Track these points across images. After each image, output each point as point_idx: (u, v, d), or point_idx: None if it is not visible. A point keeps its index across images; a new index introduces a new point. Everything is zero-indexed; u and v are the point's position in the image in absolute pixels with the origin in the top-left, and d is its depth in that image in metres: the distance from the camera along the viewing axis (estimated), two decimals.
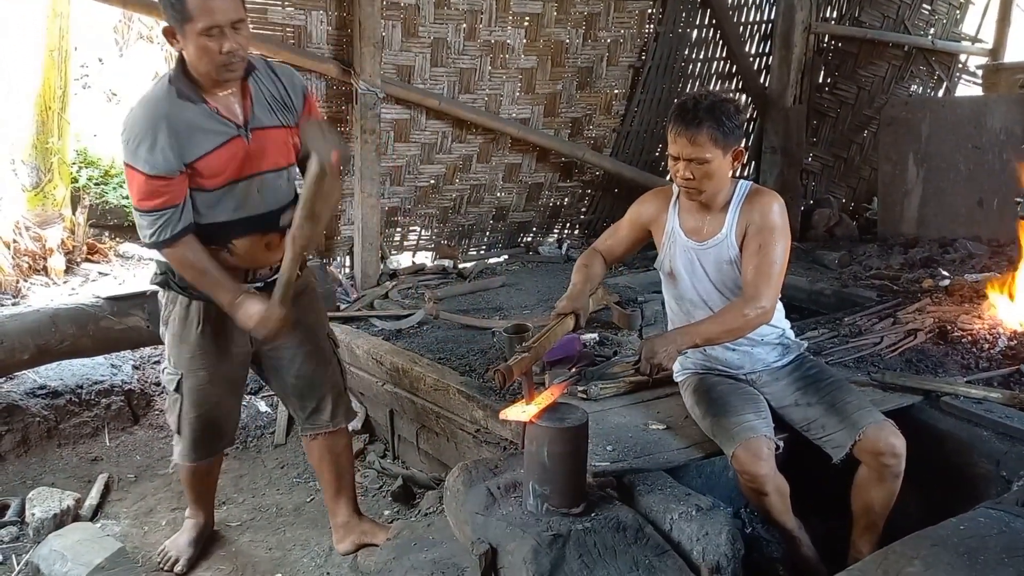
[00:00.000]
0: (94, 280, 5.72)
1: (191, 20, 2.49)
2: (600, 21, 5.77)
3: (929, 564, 2.05)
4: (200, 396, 3.00)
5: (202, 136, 2.64)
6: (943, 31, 6.81)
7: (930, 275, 4.97)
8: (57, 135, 5.95)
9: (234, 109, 2.70)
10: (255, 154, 2.74)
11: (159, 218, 2.64)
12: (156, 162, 2.58)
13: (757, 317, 2.70)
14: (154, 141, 2.57)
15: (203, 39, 2.51)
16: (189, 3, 2.47)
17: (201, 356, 2.95)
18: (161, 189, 2.61)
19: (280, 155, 2.83)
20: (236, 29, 2.54)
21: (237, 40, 2.54)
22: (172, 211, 2.65)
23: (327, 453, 3.25)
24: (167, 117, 2.59)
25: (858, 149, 6.96)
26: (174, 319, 2.94)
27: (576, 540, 2.29)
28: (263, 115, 2.75)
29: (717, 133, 2.62)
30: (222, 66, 2.56)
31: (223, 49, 2.52)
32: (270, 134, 2.77)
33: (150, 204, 2.63)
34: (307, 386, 3.13)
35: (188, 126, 2.61)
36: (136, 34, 11.15)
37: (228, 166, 2.70)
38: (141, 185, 2.61)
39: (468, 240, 5.93)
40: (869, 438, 2.63)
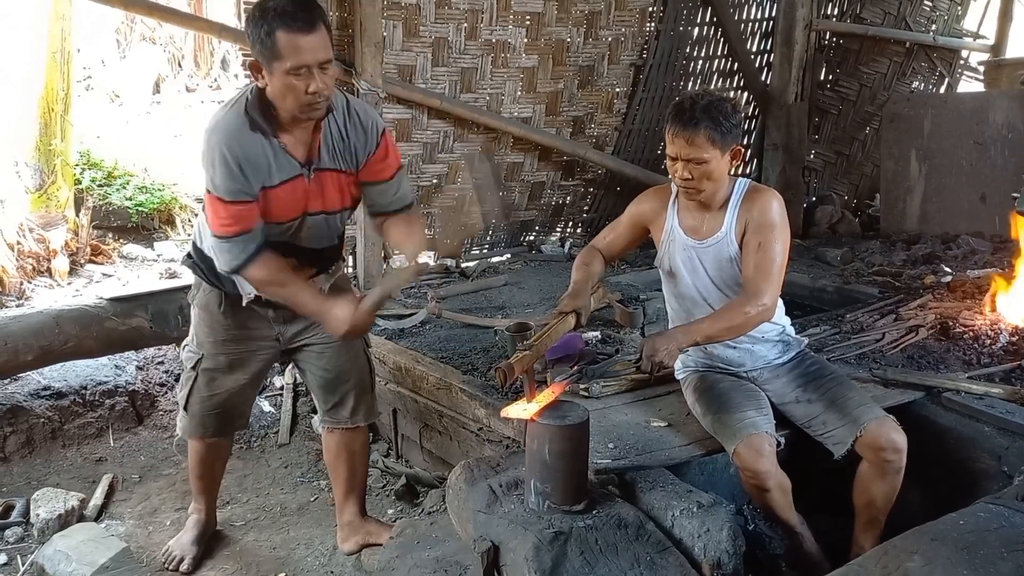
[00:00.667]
0: (98, 281, 5.73)
1: (280, 59, 2.49)
2: (601, 20, 5.77)
3: (929, 559, 2.05)
4: (215, 381, 3.05)
5: (273, 169, 2.66)
6: (944, 27, 6.80)
7: (932, 271, 4.97)
8: (60, 137, 5.95)
9: (301, 149, 2.71)
10: (314, 194, 2.77)
11: (236, 244, 2.65)
12: (231, 188, 2.60)
13: (759, 314, 2.71)
14: (230, 168, 2.58)
15: (290, 78, 2.50)
16: (280, 41, 2.46)
17: (223, 343, 3.00)
18: (236, 214, 2.62)
19: (336, 198, 2.84)
20: (323, 70, 2.53)
21: (324, 80, 2.53)
22: (247, 235, 2.66)
23: (344, 450, 3.27)
24: (240, 145, 2.60)
25: (860, 146, 6.95)
26: (200, 301, 3.00)
27: (578, 537, 2.30)
28: (327, 157, 2.76)
29: (715, 133, 2.63)
30: (306, 105, 2.56)
31: (309, 89, 2.52)
32: (330, 177, 2.79)
33: (230, 231, 2.64)
34: (333, 380, 3.15)
35: (256, 158, 2.62)
36: (138, 35, 11.18)
37: (289, 204, 2.72)
38: (220, 212, 2.63)
39: (471, 239, 5.94)
40: (870, 434, 2.63)
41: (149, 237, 6.79)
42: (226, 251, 2.67)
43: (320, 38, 2.51)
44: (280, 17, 2.46)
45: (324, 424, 3.27)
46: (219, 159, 2.58)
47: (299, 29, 2.46)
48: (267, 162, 2.64)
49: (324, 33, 2.53)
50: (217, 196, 2.62)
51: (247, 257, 2.67)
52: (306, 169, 2.72)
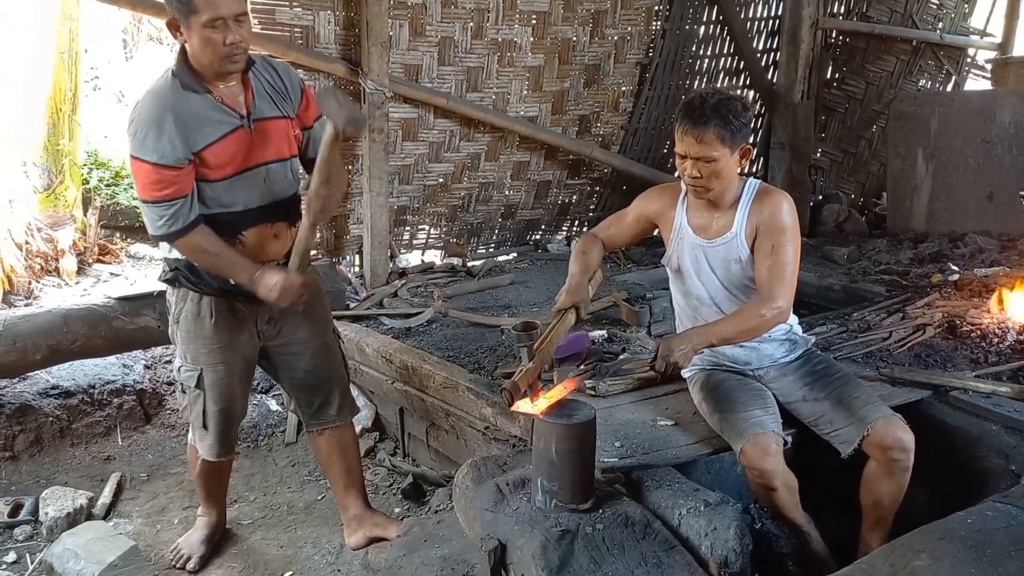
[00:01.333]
0: (105, 281, 5.75)
1: (196, 12, 2.54)
2: (607, 18, 5.77)
3: (936, 557, 2.05)
4: (222, 390, 3.03)
5: (208, 126, 2.68)
6: (951, 25, 6.78)
7: (939, 270, 4.96)
8: (68, 137, 5.98)
9: (237, 100, 2.74)
10: (259, 144, 2.79)
11: (169, 208, 2.66)
12: (164, 151, 2.61)
13: (774, 317, 2.71)
14: (161, 131, 2.60)
15: (207, 31, 2.56)
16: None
17: (218, 350, 2.98)
18: (170, 178, 2.64)
19: (283, 145, 2.87)
20: (239, 22, 2.60)
21: (240, 32, 2.60)
22: (182, 201, 2.67)
23: (336, 447, 3.28)
24: (173, 108, 2.62)
25: (867, 144, 6.94)
26: (186, 316, 2.96)
27: (584, 536, 2.30)
28: (264, 106, 2.80)
29: (724, 131, 2.62)
30: (225, 58, 2.61)
31: (227, 41, 2.58)
32: (272, 124, 2.82)
33: (159, 194, 2.65)
34: (315, 380, 3.17)
35: (194, 116, 2.65)
36: (145, 36, 11.20)
37: (234, 156, 2.74)
38: (149, 175, 2.64)
39: (477, 238, 5.94)
40: (877, 433, 2.63)
41: None
42: (160, 216, 2.67)
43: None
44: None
45: (312, 428, 3.27)
46: (150, 123, 2.61)
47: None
48: (205, 117, 2.67)
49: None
50: (146, 160, 2.62)
51: (183, 224, 2.68)
52: (246, 120, 2.75)
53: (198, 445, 3.17)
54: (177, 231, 2.70)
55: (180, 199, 2.67)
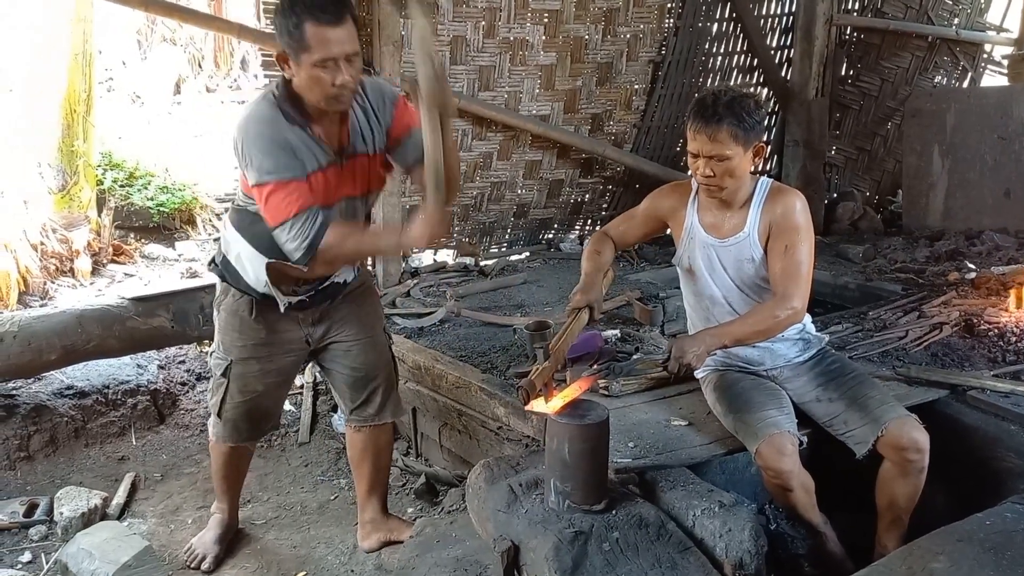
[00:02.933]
0: (120, 281, 5.78)
1: (307, 50, 2.49)
2: (619, 16, 5.75)
3: (954, 560, 2.03)
4: (247, 385, 3.04)
5: (307, 157, 2.65)
6: (967, 21, 6.72)
7: (956, 268, 4.92)
8: (82, 138, 6.01)
9: (333, 135, 2.71)
10: (346, 179, 2.77)
11: (303, 220, 2.60)
12: (284, 166, 2.58)
13: (788, 318, 2.70)
14: (276, 152, 2.57)
15: (317, 70, 2.51)
16: (307, 33, 2.47)
17: (253, 347, 2.99)
18: (297, 190, 2.59)
19: (366, 181, 2.85)
20: (350, 62, 2.53)
21: (350, 72, 2.54)
22: (311, 210, 2.61)
23: (370, 448, 3.28)
24: (280, 133, 2.60)
25: (882, 141, 6.89)
26: (227, 307, 2.98)
27: (598, 537, 2.29)
28: (357, 142, 2.76)
29: (737, 129, 2.60)
30: (332, 97, 2.57)
31: (336, 82, 2.53)
32: (361, 161, 2.80)
33: (291, 209, 2.58)
34: (361, 377, 3.16)
35: (294, 148, 2.62)
36: (159, 37, 11.26)
37: (323, 190, 2.70)
38: (276, 195, 2.59)
39: (489, 237, 5.93)
40: (892, 433, 2.61)
41: (170, 237, 6.85)
42: (297, 233, 2.60)
43: (347, 31, 2.51)
44: (309, 9, 2.46)
45: (351, 423, 3.26)
46: (263, 145, 2.58)
47: (327, 22, 2.47)
48: (305, 151, 2.64)
49: (351, 26, 2.53)
50: (271, 181, 2.58)
51: (318, 229, 2.61)
52: (339, 156, 2.73)
53: (211, 428, 3.21)
54: (316, 237, 2.61)
55: (311, 208, 2.61)
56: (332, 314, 3.05)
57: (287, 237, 2.62)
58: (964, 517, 2.28)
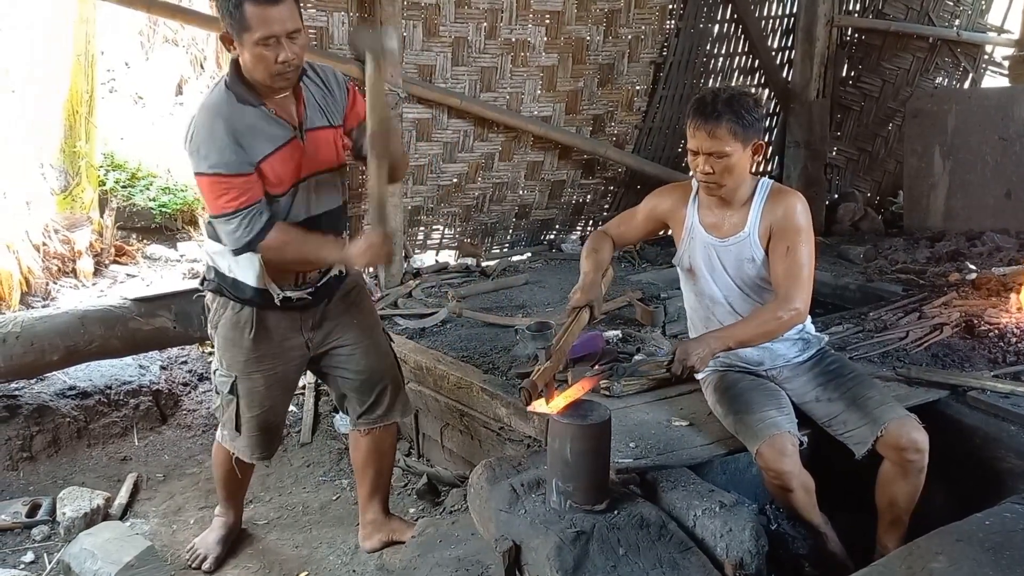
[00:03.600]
0: (122, 282, 5.79)
1: (248, 29, 2.51)
2: (621, 17, 5.76)
3: (954, 560, 2.04)
4: (256, 398, 3.02)
5: (264, 138, 2.65)
6: (968, 22, 6.72)
7: (957, 269, 4.92)
8: (84, 139, 6.02)
9: (289, 111, 2.72)
10: (310, 155, 2.77)
11: (245, 216, 2.62)
12: (228, 160, 2.59)
13: (791, 319, 2.71)
14: (221, 143, 2.58)
15: (259, 48, 2.53)
16: (247, 12, 2.49)
17: (256, 360, 2.96)
18: (240, 186, 2.61)
19: (331, 155, 2.85)
20: (292, 39, 2.55)
21: (293, 50, 2.55)
22: (255, 207, 2.63)
23: (374, 450, 3.27)
24: (229, 119, 2.60)
25: (883, 142, 6.88)
26: (225, 323, 2.95)
27: (599, 537, 2.30)
28: (315, 116, 2.77)
29: (736, 126, 2.61)
30: (277, 75, 2.58)
31: (279, 59, 2.54)
32: (321, 135, 2.80)
33: (232, 205, 2.61)
34: (367, 381, 3.15)
35: (250, 128, 2.63)
36: (161, 38, 11.26)
37: (289, 169, 2.71)
38: (216, 188, 2.61)
39: (491, 238, 5.94)
40: (891, 433, 2.61)
41: (172, 237, 6.86)
42: (237, 227, 2.64)
43: (287, 8, 2.53)
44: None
45: (359, 427, 3.23)
46: (212, 135, 2.59)
47: (266, 1, 2.49)
48: (261, 130, 2.65)
49: (291, 3, 2.55)
50: (214, 173, 2.60)
51: (260, 227, 2.64)
52: (298, 131, 2.73)
53: (230, 446, 3.15)
54: (257, 234, 2.65)
55: (253, 205, 2.63)
56: (330, 317, 3.04)
57: (228, 229, 2.66)
58: (964, 517, 2.28)
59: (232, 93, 2.64)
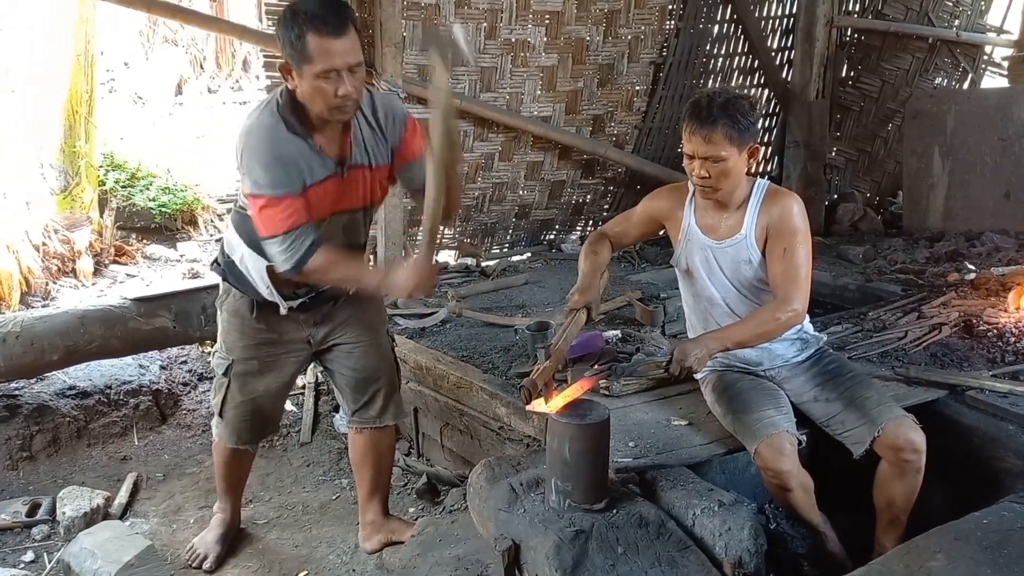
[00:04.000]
0: (122, 282, 5.79)
1: (310, 61, 2.48)
2: (621, 18, 5.76)
3: (952, 558, 2.04)
4: (248, 385, 3.04)
5: (307, 170, 2.64)
6: (968, 22, 6.72)
7: (956, 269, 4.92)
8: (84, 139, 6.02)
9: (334, 147, 2.70)
10: (348, 191, 2.76)
11: (296, 238, 2.61)
12: (280, 182, 2.57)
13: (789, 320, 2.71)
14: (275, 164, 2.57)
15: (319, 81, 2.50)
16: (310, 44, 2.46)
17: (254, 347, 2.99)
18: (292, 207, 2.59)
19: (367, 193, 2.85)
20: (353, 73, 2.53)
21: (353, 83, 2.53)
22: (302, 228, 2.62)
23: (371, 450, 3.27)
24: (280, 144, 2.59)
25: (882, 143, 6.89)
26: (229, 306, 2.99)
27: (599, 536, 2.30)
28: (359, 154, 2.75)
29: (732, 131, 2.62)
30: (335, 108, 2.56)
31: (338, 92, 2.52)
32: (363, 173, 2.79)
33: (286, 225, 2.59)
34: (363, 379, 3.15)
35: (294, 160, 2.61)
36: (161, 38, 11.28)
37: (325, 201, 2.71)
38: (270, 210, 2.60)
39: (491, 238, 5.95)
40: (888, 434, 2.62)
41: (172, 237, 6.86)
42: (286, 249, 2.62)
43: (350, 42, 2.51)
44: (311, 21, 2.46)
45: (352, 424, 3.26)
46: (261, 158, 2.58)
47: (329, 33, 2.46)
48: (305, 163, 2.63)
49: (354, 37, 2.53)
50: (265, 195, 2.59)
51: (307, 249, 2.63)
52: (340, 168, 2.72)
53: (214, 428, 3.21)
54: (304, 256, 2.63)
55: (304, 226, 2.62)
56: (335, 315, 3.05)
57: (276, 250, 2.65)
58: (962, 516, 2.29)
59: (283, 120, 2.62)
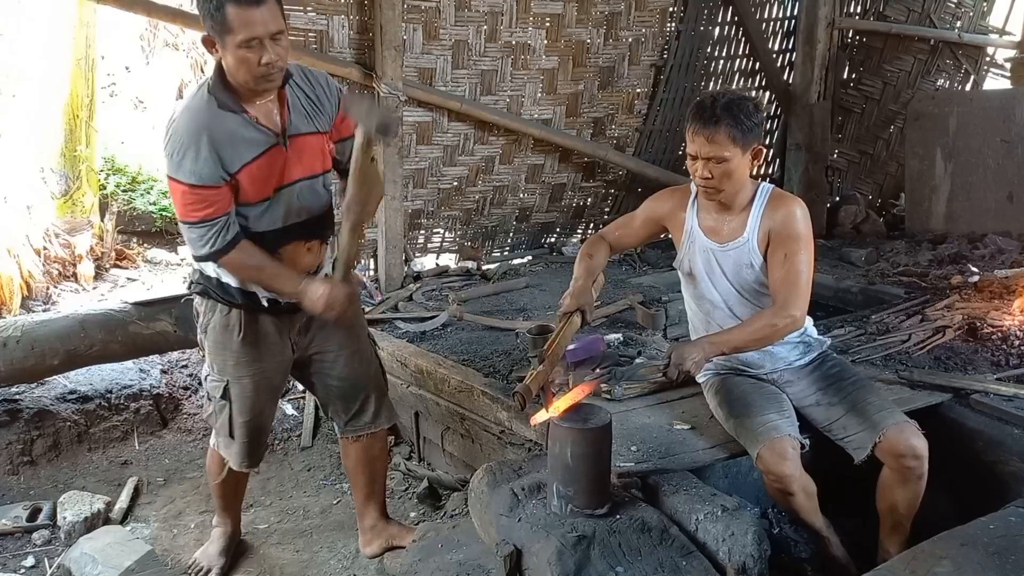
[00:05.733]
0: (123, 286, 5.78)
1: (231, 32, 2.48)
2: (621, 20, 5.75)
3: (958, 564, 2.03)
4: (248, 403, 3.00)
5: (243, 146, 2.63)
6: (970, 24, 6.71)
7: (959, 271, 4.91)
8: (85, 143, 6.02)
9: (272, 117, 2.69)
10: (293, 161, 2.74)
11: (210, 228, 2.62)
12: (201, 172, 2.57)
13: (787, 326, 2.70)
14: (198, 151, 2.56)
15: (242, 51, 2.50)
16: (229, 15, 2.46)
17: (246, 363, 2.95)
18: (209, 198, 2.60)
19: (316, 161, 2.83)
20: (275, 40, 2.52)
21: (276, 51, 2.53)
22: (222, 219, 2.63)
23: (364, 456, 3.25)
24: (209, 127, 2.58)
25: (884, 145, 6.88)
26: (214, 327, 2.93)
27: (601, 541, 2.29)
28: (300, 122, 2.74)
29: (735, 131, 2.61)
30: (261, 77, 2.55)
31: (262, 60, 2.51)
32: (307, 140, 2.77)
33: (199, 215, 2.61)
34: (351, 387, 3.13)
35: (230, 136, 2.60)
36: (162, 42, 11.26)
37: (269, 176, 2.70)
38: (187, 196, 2.60)
39: (491, 241, 5.93)
40: (890, 440, 2.60)
41: (173, 242, 6.85)
42: (200, 236, 2.64)
43: (269, 10, 2.50)
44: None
45: (346, 434, 3.23)
46: (187, 142, 2.57)
47: (248, 2, 2.46)
48: (241, 137, 2.62)
49: (273, 4, 2.52)
50: (183, 181, 2.58)
51: (225, 242, 2.64)
52: (281, 138, 2.70)
53: (224, 453, 3.13)
54: (219, 249, 2.65)
55: (220, 218, 2.63)
56: (318, 321, 2.97)
57: (190, 236, 2.67)
58: (968, 521, 2.27)
59: (214, 98, 2.61)
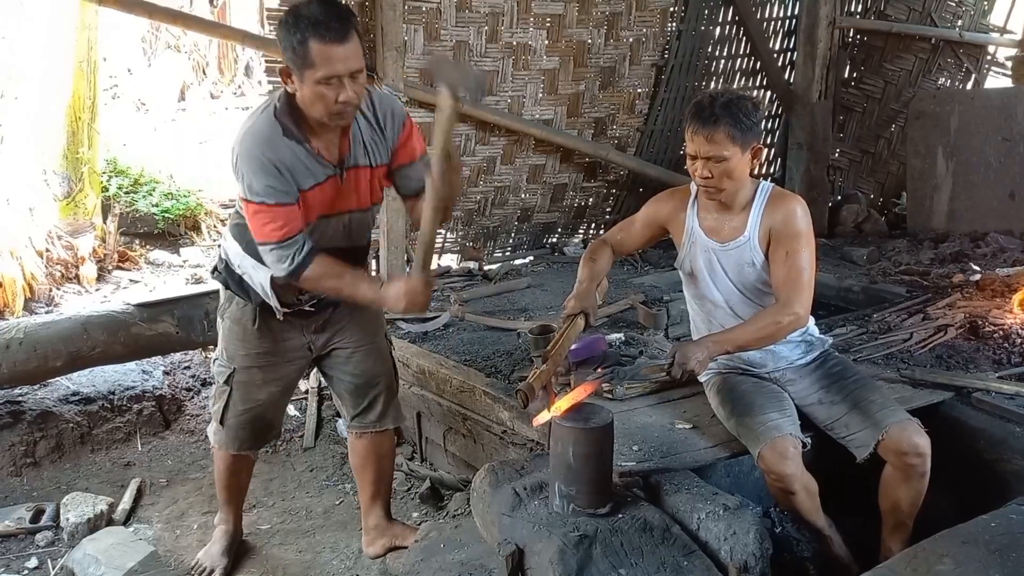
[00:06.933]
0: (125, 287, 5.79)
1: (312, 67, 2.46)
2: (622, 20, 5.75)
3: (959, 562, 2.03)
4: (250, 393, 3.03)
5: (303, 175, 2.63)
6: (971, 23, 6.71)
7: (961, 270, 4.91)
8: (87, 145, 6.02)
9: (333, 149, 2.69)
10: (346, 193, 2.75)
11: (290, 247, 2.62)
12: (276, 190, 2.57)
13: (790, 324, 2.70)
14: (268, 171, 2.56)
15: (321, 87, 2.48)
16: (312, 50, 2.44)
17: (256, 356, 2.98)
18: (286, 217, 2.59)
19: (369, 194, 2.83)
20: (354, 79, 2.51)
21: (354, 89, 2.51)
22: (298, 237, 2.63)
23: (371, 454, 3.26)
24: (276, 151, 2.58)
25: (886, 144, 6.87)
26: (231, 315, 2.97)
27: (603, 540, 2.29)
28: (359, 154, 2.74)
29: (734, 130, 2.61)
30: (335, 114, 2.54)
31: (339, 99, 2.50)
32: (362, 173, 2.77)
33: (277, 235, 2.60)
34: (362, 384, 3.14)
35: (291, 164, 2.60)
36: (163, 44, 11.29)
37: (321, 203, 2.70)
38: (262, 216, 2.59)
39: (493, 242, 5.94)
40: (892, 438, 2.60)
41: (175, 243, 6.86)
42: (280, 257, 2.63)
43: (352, 48, 2.49)
44: (313, 26, 2.44)
45: (352, 429, 3.25)
46: (256, 164, 2.56)
47: (332, 40, 2.44)
48: (301, 167, 2.62)
49: (356, 43, 2.51)
50: (259, 202, 2.58)
51: (303, 258, 2.63)
52: (339, 169, 2.70)
53: (209, 432, 3.19)
54: (299, 265, 2.63)
55: (297, 236, 2.62)
56: (335, 321, 3.03)
57: (270, 258, 2.66)
58: (969, 519, 2.27)
59: (279, 124, 2.60)
